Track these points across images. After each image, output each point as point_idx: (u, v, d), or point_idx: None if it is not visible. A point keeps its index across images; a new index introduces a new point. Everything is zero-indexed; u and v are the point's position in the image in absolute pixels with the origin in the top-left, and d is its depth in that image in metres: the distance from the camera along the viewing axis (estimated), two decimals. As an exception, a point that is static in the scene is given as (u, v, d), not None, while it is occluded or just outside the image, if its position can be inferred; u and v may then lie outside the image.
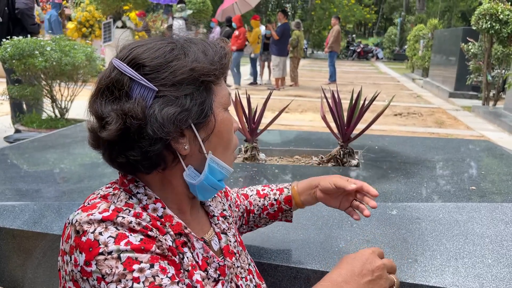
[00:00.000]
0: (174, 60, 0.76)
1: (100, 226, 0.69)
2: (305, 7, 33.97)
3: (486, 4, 8.24)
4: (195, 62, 0.76)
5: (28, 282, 1.53)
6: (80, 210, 0.73)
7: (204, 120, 0.78)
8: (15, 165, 2.27)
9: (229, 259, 0.90)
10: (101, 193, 0.80)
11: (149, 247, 0.70)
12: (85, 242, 0.68)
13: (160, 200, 0.81)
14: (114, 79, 0.76)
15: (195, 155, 0.81)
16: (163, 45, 0.78)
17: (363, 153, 2.52)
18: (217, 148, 0.83)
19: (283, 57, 11.21)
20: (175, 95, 0.74)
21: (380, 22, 49.09)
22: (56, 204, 1.68)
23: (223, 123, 0.82)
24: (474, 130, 6.95)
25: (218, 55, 0.81)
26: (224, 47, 0.83)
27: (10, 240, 1.51)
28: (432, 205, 1.68)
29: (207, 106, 0.78)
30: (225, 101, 0.83)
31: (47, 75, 4.53)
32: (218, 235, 0.92)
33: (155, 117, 0.73)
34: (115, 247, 0.67)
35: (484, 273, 1.24)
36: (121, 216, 0.72)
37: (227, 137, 0.84)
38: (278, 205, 1.20)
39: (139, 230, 0.71)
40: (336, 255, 1.34)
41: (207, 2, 14.74)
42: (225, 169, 0.85)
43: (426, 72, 14.40)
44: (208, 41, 0.83)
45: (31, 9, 4.93)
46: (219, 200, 1.01)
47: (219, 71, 0.80)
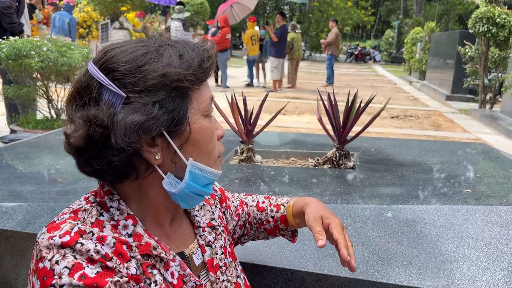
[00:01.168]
0: (146, 64, 0.72)
1: (58, 254, 0.67)
2: (303, 10, 34.03)
3: (483, 8, 8.28)
4: (168, 66, 0.72)
5: (22, 284, 1.52)
6: (45, 229, 0.71)
7: (176, 128, 0.74)
8: (9, 165, 2.26)
9: (212, 273, 0.86)
10: (73, 208, 0.77)
11: (103, 284, 0.66)
12: (41, 269, 0.66)
13: (132, 216, 0.77)
14: (85, 83, 0.73)
15: (173, 163, 0.77)
16: (137, 48, 0.74)
17: (359, 155, 2.52)
18: (195, 157, 0.78)
19: (281, 59, 11.22)
20: (143, 102, 0.70)
21: (378, 25, 49.23)
22: (50, 205, 1.67)
23: (200, 131, 0.77)
24: (470, 133, 6.97)
25: (198, 58, 0.76)
26: (207, 49, 0.78)
27: (4, 241, 1.50)
28: (427, 207, 1.68)
29: (181, 114, 0.73)
30: (204, 107, 0.78)
31: (43, 75, 4.52)
32: (202, 248, 0.88)
33: (118, 125, 0.69)
34: (68, 281, 0.65)
35: (479, 276, 1.24)
36: (80, 242, 0.68)
37: (205, 146, 0.79)
38: (274, 223, 1.11)
39: (98, 260, 0.68)
40: (331, 257, 1.34)
41: (205, 4, 14.76)
42: (210, 173, 0.80)
43: (423, 75, 14.44)
44: (190, 43, 0.78)
45: (9, 7, 4.77)
46: (208, 209, 0.96)
47: (199, 75, 0.75)
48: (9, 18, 4.82)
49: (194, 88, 0.76)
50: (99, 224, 0.74)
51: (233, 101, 2.37)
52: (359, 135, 2.34)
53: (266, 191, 1.93)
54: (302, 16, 32.51)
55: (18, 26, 4.93)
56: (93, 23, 12.07)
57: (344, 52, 30.71)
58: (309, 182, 2.09)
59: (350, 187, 2.02)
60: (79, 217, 0.74)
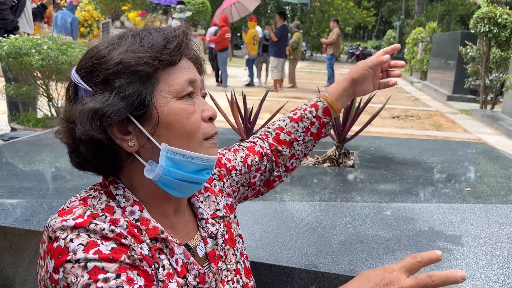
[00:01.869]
0: (105, 56, 0.73)
1: (72, 233, 0.67)
2: (304, 10, 34.03)
3: (485, 8, 8.27)
4: (124, 53, 0.73)
5: (20, 280, 1.51)
6: (56, 214, 0.72)
7: (140, 113, 0.73)
8: (9, 163, 2.26)
9: (214, 265, 0.86)
10: (82, 196, 0.77)
11: (118, 257, 0.67)
12: (56, 248, 0.67)
13: (138, 203, 0.78)
14: (68, 85, 0.78)
15: (151, 150, 0.76)
16: (104, 41, 0.76)
17: (358, 154, 2.51)
18: (173, 140, 0.76)
19: (281, 58, 11.21)
20: (102, 92, 0.72)
21: (379, 25, 49.21)
22: (49, 201, 1.67)
23: (171, 113, 0.75)
24: (471, 133, 6.96)
25: (161, 39, 0.75)
26: (175, 29, 0.78)
27: (2, 238, 1.50)
28: (427, 206, 1.68)
29: (141, 97, 0.73)
30: (176, 89, 0.76)
31: (43, 74, 4.52)
32: (204, 240, 0.88)
33: (77, 116, 0.72)
34: (83, 256, 0.65)
35: (478, 274, 1.24)
36: (94, 222, 0.69)
37: (182, 128, 0.76)
38: (319, 121, 1.12)
39: (112, 238, 0.69)
40: (329, 255, 1.33)
41: (206, 4, 14.75)
42: (198, 158, 0.77)
43: (424, 75, 14.43)
44: (157, 28, 0.79)
45: (1, 3, 4.69)
46: (213, 199, 0.94)
47: (162, 57, 0.74)
48: (1, 14, 4.75)
49: (159, 70, 0.75)
50: (110, 210, 0.75)
51: (233, 100, 2.36)
52: (359, 133, 2.33)
53: (265, 189, 1.93)
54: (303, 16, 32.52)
55: (10, 23, 4.83)
56: (94, 22, 12.08)
57: (346, 52, 30.71)
58: (309, 180, 2.09)
59: (349, 185, 2.01)
60: (89, 204, 0.75)
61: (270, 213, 1.60)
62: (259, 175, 1.09)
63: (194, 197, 0.92)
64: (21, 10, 5.08)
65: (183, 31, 0.79)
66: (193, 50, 0.83)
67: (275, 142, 1.11)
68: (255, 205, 1.67)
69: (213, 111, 0.81)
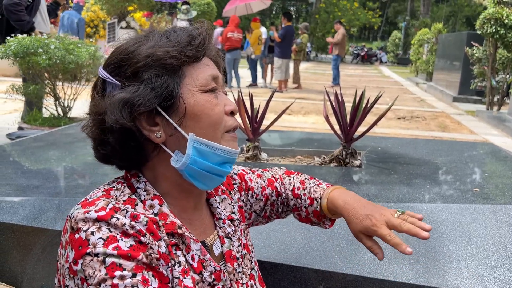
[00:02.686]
0: (134, 51, 0.77)
1: (94, 226, 0.69)
2: (310, 11, 34.03)
3: (491, 9, 8.22)
4: (152, 48, 0.76)
5: (27, 278, 1.52)
6: (80, 205, 0.73)
7: (168, 103, 0.76)
8: (16, 161, 2.27)
9: (230, 264, 0.87)
10: (105, 188, 0.79)
11: (137, 255, 0.68)
12: (77, 240, 0.68)
13: (158, 197, 0.80)
14: (97, 80, 0.81)
15: (178, 140, 0.78)
16: (131, 39, 0.80)
17: (365, 154, 2.51)
18: (198, 131, 0.78)
19: (285, 59, 11.21)
20: (132, 84, 0.75)
21: (384, 26, 49.10)
22: (56, 200, 1.67)
23: (197, 105, 0.78)
24: (477, 135, 6.92)
25: (186, 36, 0.79)
26: (198, 27, 0.82)
27: (10, 235, 1.50)
28: (435, 206, 1.67)
29: (169, 89, 0.76)
30: (201, 83, 0.80)
31: (50, 73, 4.54)
32: (222, 239, 0.89)
33: (108, 106, 0.74)
34: (102, 250, 0.67)
35: (487, 275, 1.23)
36: (116, 217, 0.71)
37: (207, 119, 0.79)
38: (306, 215, 1.08)
39: (132, 235, 0.70)
40: (337, 255, 1.33)
41: (212, 4, 14.78)
42: (222, 150, 0.80)
43: (430, 76, 14.38)
44: (181, 27, 0.83)
45: (16, 4, 4.66)
46: (229, 202, 0.97)
47: (187, 52, 0.78)
48: (16, 16, 4.70)
49: (186, 65, 0.79)
50: (132, 202, 0.77)
51: (240, 99, 2.37)
52: (366, 133, 2.33)
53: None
54: (308, 17, 32.50)
55: (27, 23, 4.80)
56: (100, 23, 12.13)
57: (351, 53, 30.67)
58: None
59: (356, 186, 2.01)
60: (112, 196, 0.77)
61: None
62: (272, 211, 1.12)
63: (212, 197, 0.94)
64: (36, 9, 5.04)
65: (205, 29, 0.82)
66: (213, 50, 0.86)
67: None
68: (262, 204, 1.67)
69: (234, 105, 0.85)
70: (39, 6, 5.08)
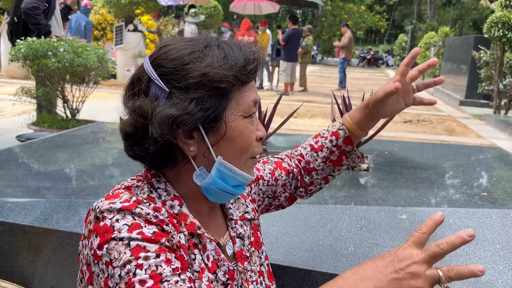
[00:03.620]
0: (190, 63, 0.76)
1: (119, 214, 0.72)
2: (316, 14, 34.04)
3: (499, 12, 8.19)
4: (209, 67, 0.75)
5: (38, 278, 1.54)
6: (103, 198, 0.76)
7: (212, 125, 0.77)
8: (26, 163, 2.30)
9: (240, 264, 0.89)
10: (126, 184, 0.81)
11: (159, 239, 0.71)
12: (102, 227, 0.71)
13: (178, 198, 0.82)
14: (138, 75, 0.79)
15: (206, 158, 0.80)
16: (186, 46, 0.78)
17: (373, 157, 2.51)
18: (228, 154, 0.80)
19: (290, 62, 11.22)
20: (182, 98, 0.75)
21: (391, 29, 48.99)
22: (67, 201, 1.69)
23: (237, 130, 0.79)
24: (484, 139, 6.89)
25: (243, 60, 0.78)
26: (254, 51, 0.81)
27: (21, 236, 1.53)
28: (443, 210, 1.67)
29: (217, 112, 0.76)
30: (244, 108, 0.80)
31: (59, 76, 4.58)
32: (233, 239, 0.91)
33: (156, 117, 0.74)
34: (127, 235, 0.69)
35: (495, 279, 1.23)
36: (140, 207, 0.73)
37: (240, 145, 0.81)
38: (339, 150, 1.09)
39: (155, 223, 0.73)
40: (345, 258, 1.34)
41: (218, 7, 14.82)
42: (240, 175, 0.83)
43: (437, 79, 14.31)
44: (238, 44, 0.81)
45: (35, 8, 4.72)
46: (242, 202, 0.98)
47: (240, 77, 0.78)
48: (34, 19, 4.77)
49: (235, 89, 0.79)
50: (151, 199, 0.79)
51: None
52: (374, 136, 2.33)
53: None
54: (314, 20, 32.52)
55: (44, 27, 4.86)
56: (108, 26, 12.21)
57: (357, 56, 30.63)
58: (323, 183, 2.09)
59: (364, 189, 2.01)
60: (133, 192, 0.79)
61: (286, 215, 1.61)
62: (284, 190, 1.12)
63: None
64: (52, 13, 5.09)
65: (261, 54, 0.82)
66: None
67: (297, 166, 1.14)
68: (270, 207, 1.68)
69: (264, 132, 0.86)
70: (54, 10, 5.15)
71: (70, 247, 1.48)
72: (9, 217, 1.54)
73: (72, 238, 1.47)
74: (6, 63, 9.75)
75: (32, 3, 4.69)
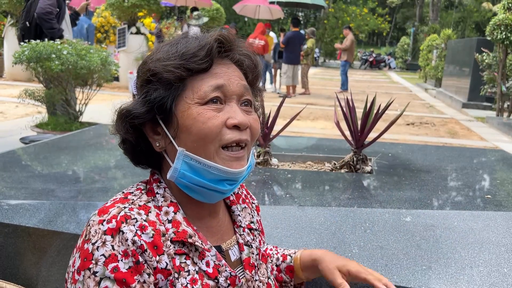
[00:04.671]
0: (146, 63, 0.82)
1: (100, 240, 0.73)
2: (318, 16, 34.06)
3: (501, 15, 8.19)
4: (156, 61, 0.79)
5: (42, 280, 1.54)
6: (97, 211, 0.77)
7: (164, 116, 0.79)
8: (30, 165, 2.30)
9: (248, 271, 0.88)
10: (125, 191, 0.83)
11: (131, 282, 0.72)
12: (85, 250, 0.74)
13: (175, 204, 0.81)
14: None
15: (175, 152, 0.80)
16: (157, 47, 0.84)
17: (376, 160, 2.51)
18: (189, 144, 0.78)
19: (291, 64, 11.23)
20: (138, 95, 0.81)
21: (393, 31, 48.97)
22: (71, 203, 1.69)
23: (189, 118, 0.77)
24: (487, 141, 6.87)
25: (195, 48, 0.78)
26: (208, 36, 0.80)
27: (26, 238, 1.53)
28: (447, 212, 1.67)
29: (163, 102, 0.78)
30: (201, 95, 0.78)
31: (62, 78, 4.59)
32: (241, 246, 0.90)
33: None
34: (102, 270, 0.71)
35: (500, 282, 1.23)
36: (122, 230, 0.73)
37: (196, 132, 0.76)
38: (278, 273, 1.07)
39: (131, 253, 0.72)
40: (349, 260, 1.33)
41: (221, 10, 14.86)
42: (213, 167, 0.78)
43: (439, 82, 14.31)
44: (202, 35, 0.82)
45: (48, 13, 4.89)
46: (249, 212, 0.97)
47: (191, 65, 0.77)
48: (49, 24, 4.93)
49: (188, 77, 0.79)
50: (146, 209, 0.79)
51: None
52: (377, 139, 2.33)
53: (282, 194, 1.93)
54: (316, 23, 32.53)
55: (58, 31, 5.01)
56: (111, 28, 12.25)
57: (359, 59, 30.64)
58: (326, 186, 2.09)
59: (367, 192, 2.01)
60: (129, 199, 0.80)
61: (289, 218, 1.60)
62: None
63: (234, 204, 0.95)
64: (63, 17, 5.25)
65: (216, 37, 0.80)
66: (238, 54, 0.84)
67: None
68: (274, 209, 1.68)
69: (240, 119, 0.79)
70: (64, 14, 5.27)
71: (74, 249, 1.48)
72: (13, 219, 1.54)
73: (76, 240, 1.47)
74: (10, 65, 9.80)
75: (47, 8, 4.84)
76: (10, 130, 5.55)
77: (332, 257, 1.00)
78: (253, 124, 0.82)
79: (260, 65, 0.88)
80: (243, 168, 0.81)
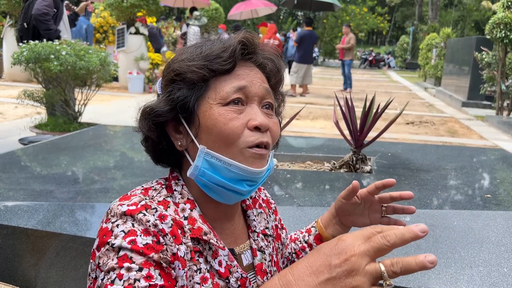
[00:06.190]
0: (170, 64, 0.83)
1: (121, 219, 0.73)
2: (317, 15, 34.06)
3: (501, 14, 8.18)
4: (181, 62, 0.81)
5: (41, 282, 1.53)
6: (118, 199, 0.78)
7: (187, 115, 0.80)
8: (29, 166, 2.30)
9: (260, 277, 0.87)
10: (145, 186, 0.84)
11: (148, 253, 0.71)
12: (104, 229, 0.74)
13: (191, 201, 0.82)
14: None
15: (196, 151, 0.80)
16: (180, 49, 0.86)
17: (376, 159, 2.50)
18: (211, 143, 0.79)
19: (301, 64, 11.22)
20: (162, 94, 0.83)
21: (393, 31, 48.97)
22: (70, 204, 1.69)
23: (211, 118, 0.78)
24: (487, 140, 6.87)
25: (219, 50, 0.80)
26: (232, 38, 0.82)
27: (24, 240, 1.52)
28: (447, 212, 1.66)
29: (185, 101, 0.79)
30: (222, 95, 0.79)
31: (61, 79, 4.59)
32: (254, 252, 0.89)
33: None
34: (120, 242, 0.71)
35: (500, 281, 1.22)
36: (143, 213, 0.74)
37: (218, 133, 0.77)
38: (309, 248, 1.08)
39: (152, 233, 0.73)
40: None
41: (220, 10, 14.86)
42: (234, 166, 0.78)
43: (439, 81, 14.31)
44: (226, 38, 0.84)
45: (45, 14, 4.88)
46: (264, 217, 0.96)
47: (213, 66, 0.79)
48: (45, 25, 4.93)
49: (211, 78, 0.81)
50: (165, 204, 0.80)
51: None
52: (377, 138, 2.33)
53: (282, 194, 1.93)
54: (316, 22, 32.52)
55: (54, 32, 5.01)
56: (110, 28, 12.24)
57: (358, 58, 30.63)
58: (326, 185, 2.08)
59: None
60: (149, 194, 0.81)
61: (289, 218, 1.60)
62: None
63: (250, 209, 0.94)
64: (60, 18, 5.25)
65: (240, 40, 0.82)
66: (262, 57, 0.85)
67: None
68: (273, 209, 1.68)
69: (261, 121, 0.79)
70: (62, 15, 5.27)
71: (73, 250, 1.48)
72: (12, 221, 1.54)
73: (75, 241, 1.47)
74: (9, 66, 9.79)
75: (43, 9, 4.83)
76: (9, 131, 5.54)
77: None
78: (273, 127, 0.82)
79: (283, 69, 0.89)
80: (263, 168, 0.80)
